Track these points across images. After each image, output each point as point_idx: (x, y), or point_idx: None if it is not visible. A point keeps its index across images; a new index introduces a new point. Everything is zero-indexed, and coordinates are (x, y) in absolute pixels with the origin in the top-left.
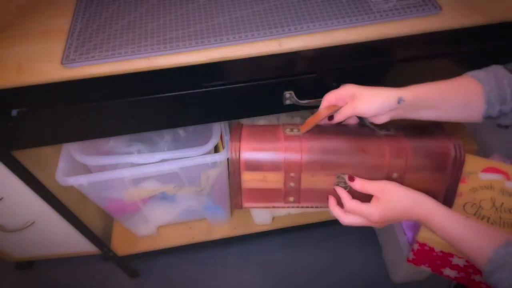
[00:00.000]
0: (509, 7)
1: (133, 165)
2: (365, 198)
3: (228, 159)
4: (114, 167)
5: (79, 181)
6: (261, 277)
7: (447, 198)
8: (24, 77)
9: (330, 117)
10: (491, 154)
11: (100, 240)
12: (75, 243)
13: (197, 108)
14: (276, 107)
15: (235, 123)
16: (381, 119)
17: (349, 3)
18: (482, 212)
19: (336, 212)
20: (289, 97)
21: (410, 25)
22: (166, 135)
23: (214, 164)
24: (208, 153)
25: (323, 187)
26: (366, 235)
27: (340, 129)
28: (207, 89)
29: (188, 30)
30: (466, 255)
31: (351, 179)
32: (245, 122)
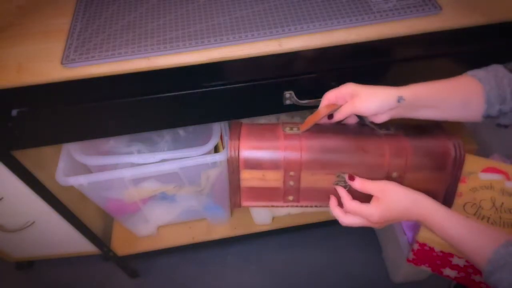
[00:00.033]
0: (509, 7)
1: (133, 165)
2: (365, 198)
3: (227, 157)
4: (114, 167)
5: (79, 181)
6: (261, 277)
7: (447, 198)
8: (24, 77)
9: (330, 116)
10: (491, 154)
11: (100, 240)
12: (75, 243)
13: (197, 108)
14: (276, 107)
15: (234, 121)
16: (381, 118)
17: (349, 3)
18: (482, 212)
19: (336, 212)
20: (289, 97)
21: (410, 25)
22: (166, 135)
23: (214, 164)
24: (208, 153)
25: (322, 186)
26: (366, 235)
27: (340, 128)
28: (207, 89)
29: (188, 30)
30: (466, 255)
31: (351, 178)
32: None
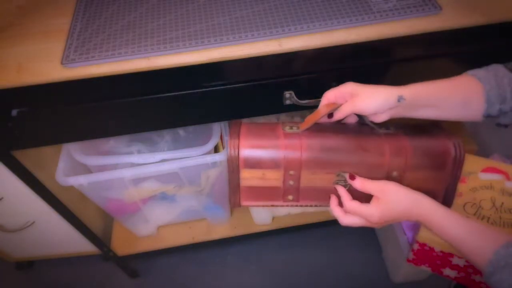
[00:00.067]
0: (509, 7)
1: (133, 165)
2: (365, 198)
3: (227, 156)
4: (114, 167)
5: (79, 181)
6: (261, 277)
7: (446, 197)
8: (24, 77)
9: (330, 115)
10: (491, 154)
11: (100, 240)
12: (75, 243)
13: (197, 108)
14: (276, 107)
15: (234, 121)
16: (381, 118)
17: (349, 3)
18: (482, 212)
19: (336, 212)
20: (289, 97)
21: (410, 25)
22: (166, 135)
23: (214, 164)
24: (208, 153)
25: (322, 185)
26: (366, 235)
27: (340, 127)
28: (207, 89)
29: (188, 30)
30: (466, 255)
31: (352, 177)
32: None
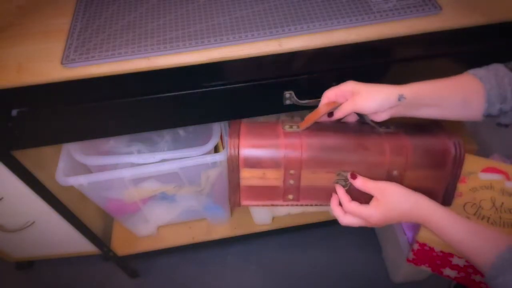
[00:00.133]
0: (509, 7)
1: (133, 165)
2: (364, 197)
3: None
4: (114, 167)
5: (79, 181)
6: (261, 277)
7: (446, 196)
8: (24, 77)
9: (330, 114)
10: (491, 154)
11: (100, 240)
12: (75, 243)
13: (197, 108)
14: (276, 107)
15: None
16: (381, 117)
17: (349, 3)
18: (482, 212)
19: (336, 211)
20: (289, 97)
21: (410, 25)
22: (166, 135)
23: (214, 164)
24: (208, 153)
25: (322, 184)
26: (366, 235)
27: (340, 126)
28: (207, 89)
29: (188, 30)
30: (465, 255)
31: (353, 176)
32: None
